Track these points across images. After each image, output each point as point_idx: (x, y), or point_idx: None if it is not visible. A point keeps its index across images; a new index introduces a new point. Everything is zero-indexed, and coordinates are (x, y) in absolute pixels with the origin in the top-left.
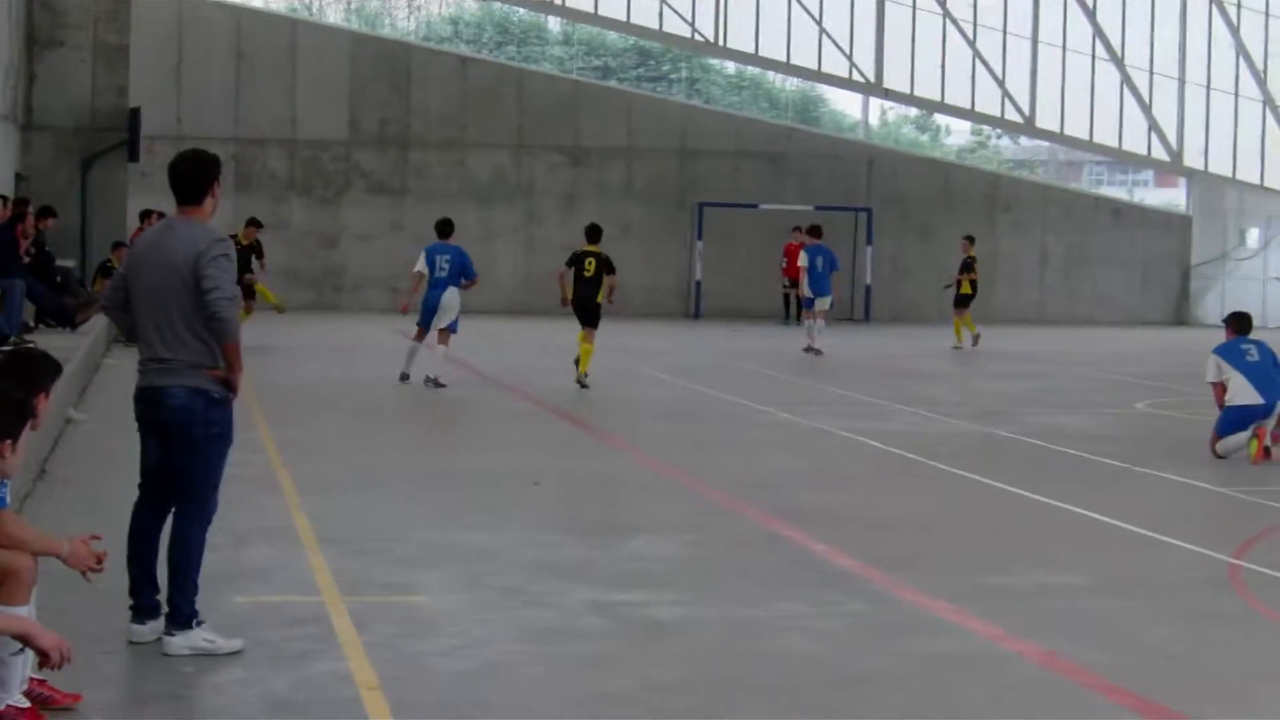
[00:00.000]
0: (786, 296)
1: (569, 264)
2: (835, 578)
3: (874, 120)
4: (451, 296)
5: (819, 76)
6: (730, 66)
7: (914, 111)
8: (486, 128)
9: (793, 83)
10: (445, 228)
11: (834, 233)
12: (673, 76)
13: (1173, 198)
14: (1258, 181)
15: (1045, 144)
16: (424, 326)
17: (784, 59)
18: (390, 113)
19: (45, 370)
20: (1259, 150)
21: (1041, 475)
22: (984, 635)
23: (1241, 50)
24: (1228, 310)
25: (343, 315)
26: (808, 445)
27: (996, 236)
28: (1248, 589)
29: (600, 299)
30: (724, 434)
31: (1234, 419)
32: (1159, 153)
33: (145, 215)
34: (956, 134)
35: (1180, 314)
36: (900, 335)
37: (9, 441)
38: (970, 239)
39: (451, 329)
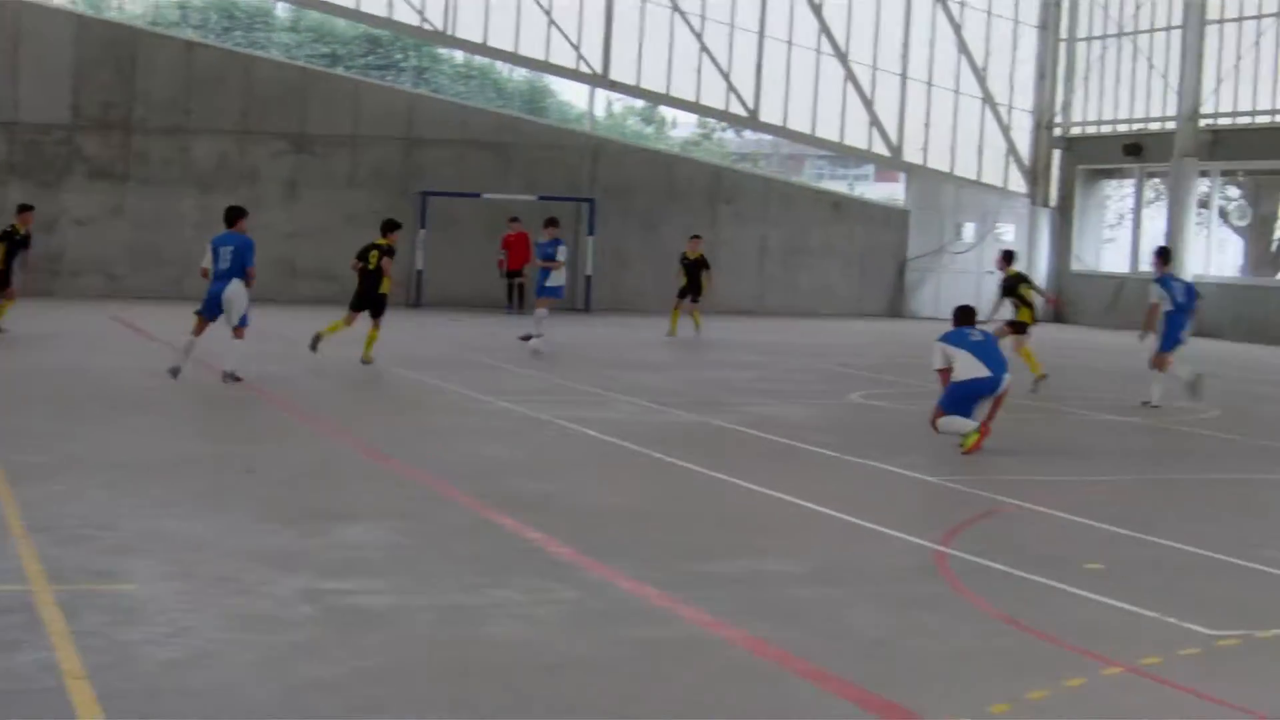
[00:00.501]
0: (510, 286)
1: (359, 256)
2: (548, 565)
3: (600, 112)
4: (235, 290)
5: (546, 67)
6: (459, 56)
7: (640, 104)
8: (211, 113)
9: (520, 73)
10: (231, 215)
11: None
12: (402, 65)
13: (893, 192)
14: (974, 178)
15: (769, 138)
16: (204, 317)
17: (512, 49)
18: (114, 97)
19: None
20: (977, 147)
21: (756, 464)
22: (694, 622)
23: (963, 48)
24: (943, 303)
25: (59, 301)
26: (525, 434)
27: (718, 228)
28: (953, 575)
29: (383, 289)
30: (442, 422)
31: (961, 394)
32: (880, 148)
33: None
34: (682, 126)
35: (896, 306)
36: (621, 325)
37: None
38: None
39: (243, 323)
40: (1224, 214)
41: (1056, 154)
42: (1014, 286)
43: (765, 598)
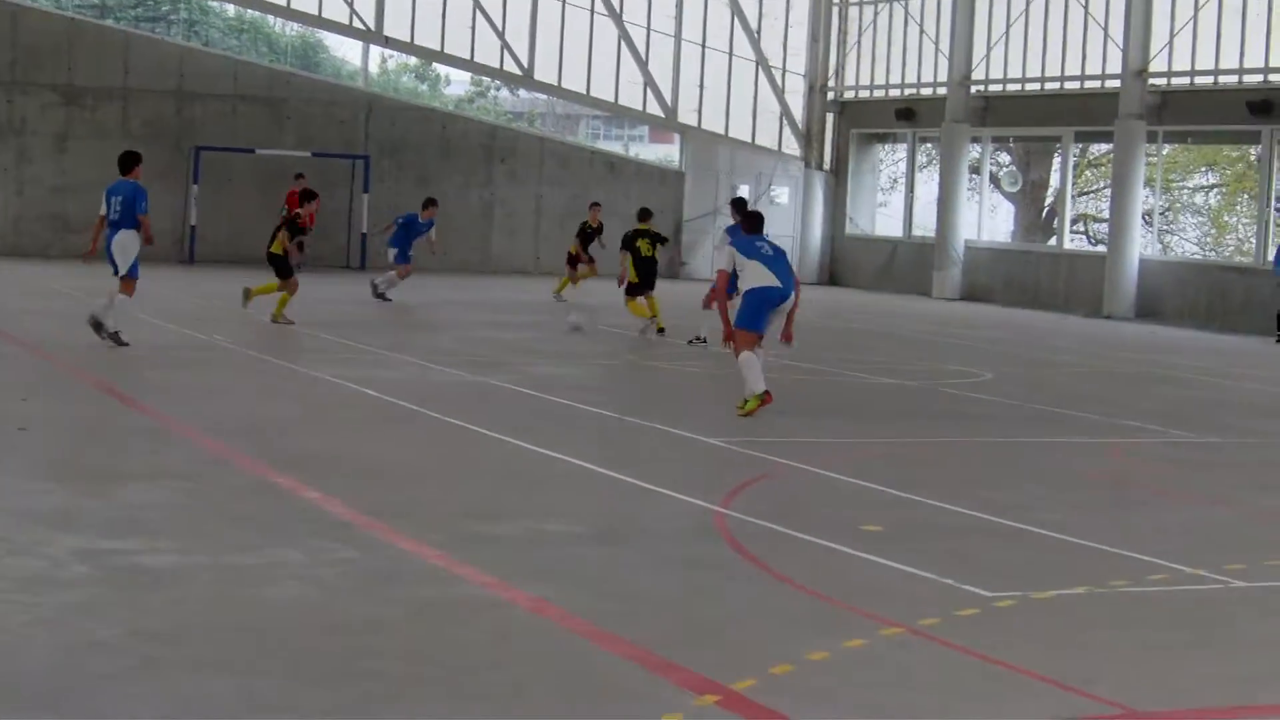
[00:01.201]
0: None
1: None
2: (327, 525)
3: (374, 68)
4: (124, 238)
5: (320, 22)
6: (230, 9)
7: (414, 61)
8: None
9: (293, 28)
10: (125, 161)
11: (330, 180)
12: (171, 17)
13: (668, 153)
14: (749, 139)
15: (544, 97)
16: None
17: (284, 3)
18: None
19: None
20: (751, 109)
21: (535, 425)
22: (475, 582)
23: (736, 11)
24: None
25: None
26: (303, 393)
27: (494, 186)
28: (733, 536)
29: (275, 248)
30: (219, 380)
31: (753, 304)
32: (654, 109)
33: None
34: (457, 84)
35: (672, 267)
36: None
37: None
38: None
39: (131, 274)
40: (995, 180)
41: (830, 117)
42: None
43: (546, 558)
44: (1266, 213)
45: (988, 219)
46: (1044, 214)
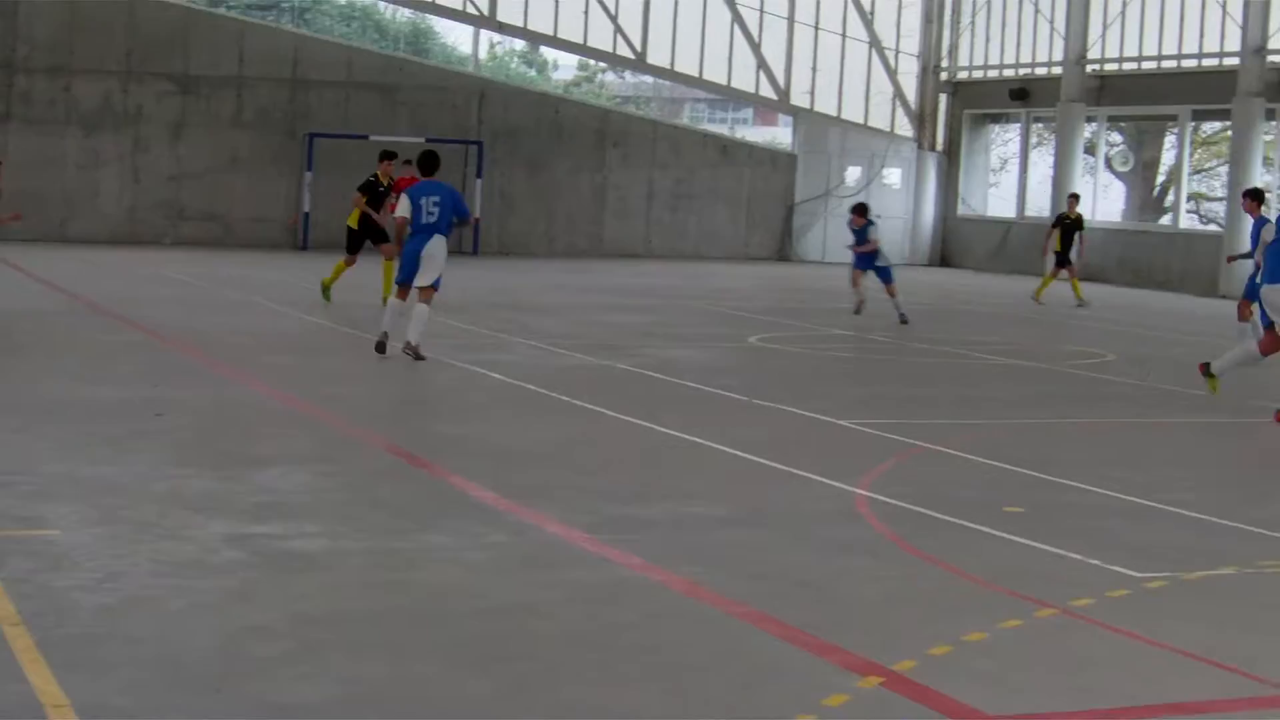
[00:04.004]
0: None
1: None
2: (472, 509)
3: (483, 54)
4: (437, 246)
5: (432, 8)
6: None
7: (521, 45)
8: (94, 54)
9: (403, 14)
10: (428, 162)
11: (445, 166)
12: (284, 5)
13: (774, 136)
14: (861, 121)
15: (651, 81)
16: (404, 284)
17: None
18: None
19: None
20: (863, 91)
21: (664, 408)
22: (625, 565)
23: None
24: (829, 248)
25: None
26: (429, 377)
27: (606, 170)
28: (876, 518)
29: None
30: (342, 366)
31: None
32: (767, 91)
33: None
34: (564, 69)
35: (784, 250)
36: (509, 269)
37: None
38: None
39: (435, 285)
40: (1108, 159)
41: (943, 98)
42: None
43: (694, 541)
44: None
45: (1101, 199)
46: (1155, 193)
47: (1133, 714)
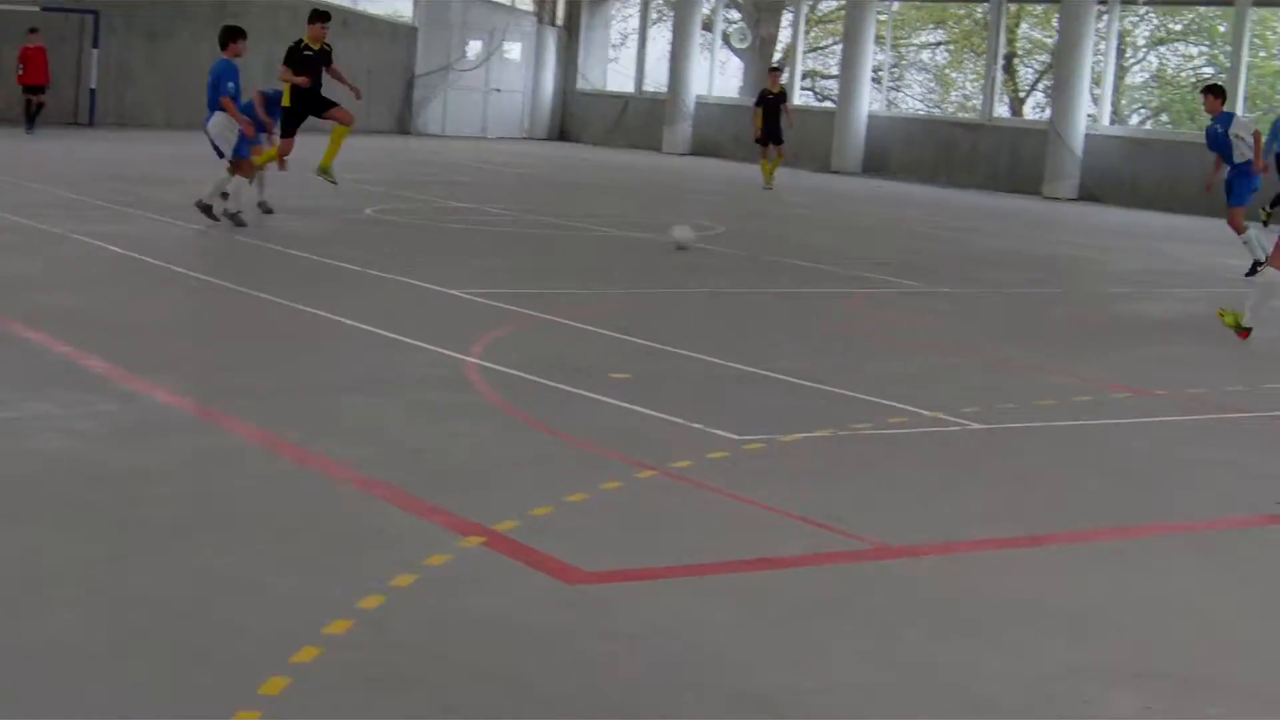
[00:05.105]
0: (28, 103)
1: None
2: (83, 379)
3: None
4: (214, 123)
5: None
6: None
7: None
8: None
9: None
10: (222, 37)
11: (60, 36)
12: None
13: (397, 7)
14: None
15: None
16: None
17: None
18: None
19: None
20: None
21: (281, 280)
22: (239, 433)
23: None
24: (450, 121)
25: None
26: (43, 249)
27: None
28: (487, 385)
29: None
30: None
31: None
32: None
33: None
34: None
35: (404, 123)
36: (128, 140)
37: None
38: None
39: (225, 156)
40: (725, 36)
41: None
42: None
43: (307, 409)
44: (993, 70)
45: (718, 75)
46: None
47: (725, 569)
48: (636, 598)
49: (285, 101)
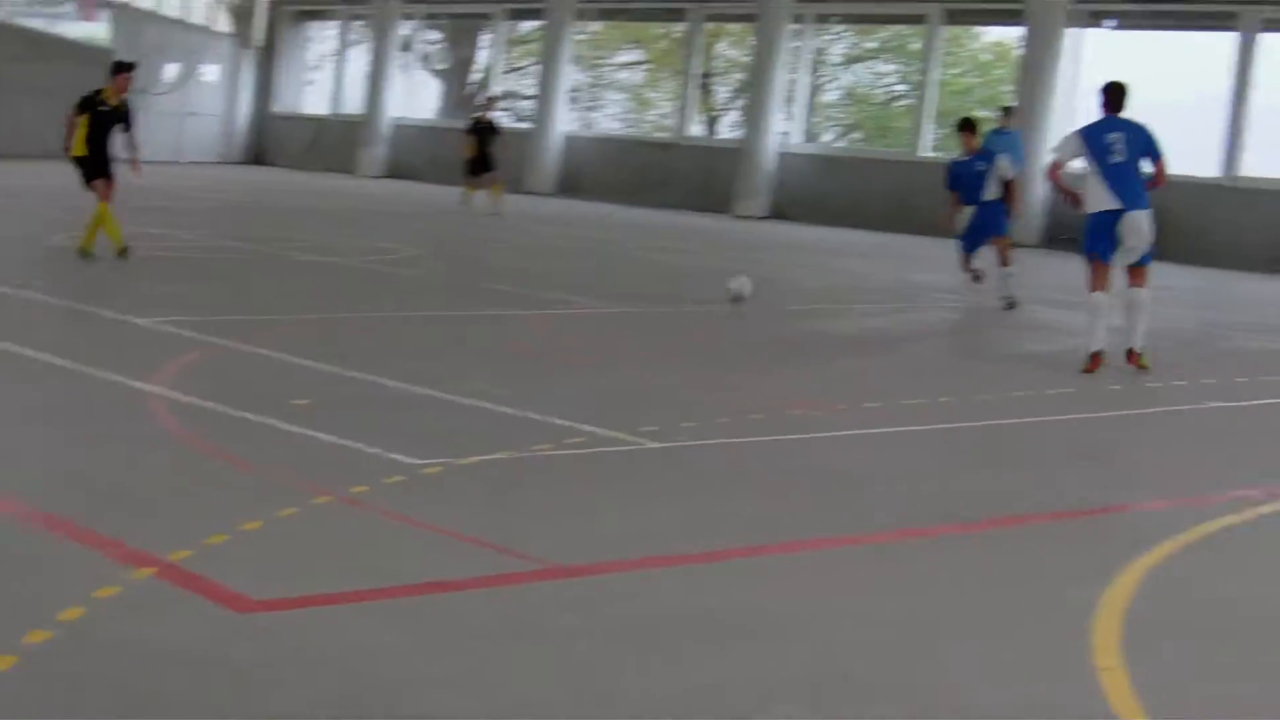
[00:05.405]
0: None
1: None
2: None
3: None
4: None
5: None
6: None
7: None
8: None
9: None
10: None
11: None
12: None
13: (94, 32)
14: (180, 17)
15: None
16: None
17: None
18: None
19: None
20: None
21: None
22: None
23: None
24: (145, 145)
25: None
26: None
27: None
28: (164, 413)
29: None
30: None
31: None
32: None
33: None
34: None
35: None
36: None
37: None
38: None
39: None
40: (425, 57)
41: None
42: None
43: None
44: (687, 89)
45: (416, 96)
46: (468, 90)
47: (396, 593)
48: (306, 624)
49: (78, 150)
